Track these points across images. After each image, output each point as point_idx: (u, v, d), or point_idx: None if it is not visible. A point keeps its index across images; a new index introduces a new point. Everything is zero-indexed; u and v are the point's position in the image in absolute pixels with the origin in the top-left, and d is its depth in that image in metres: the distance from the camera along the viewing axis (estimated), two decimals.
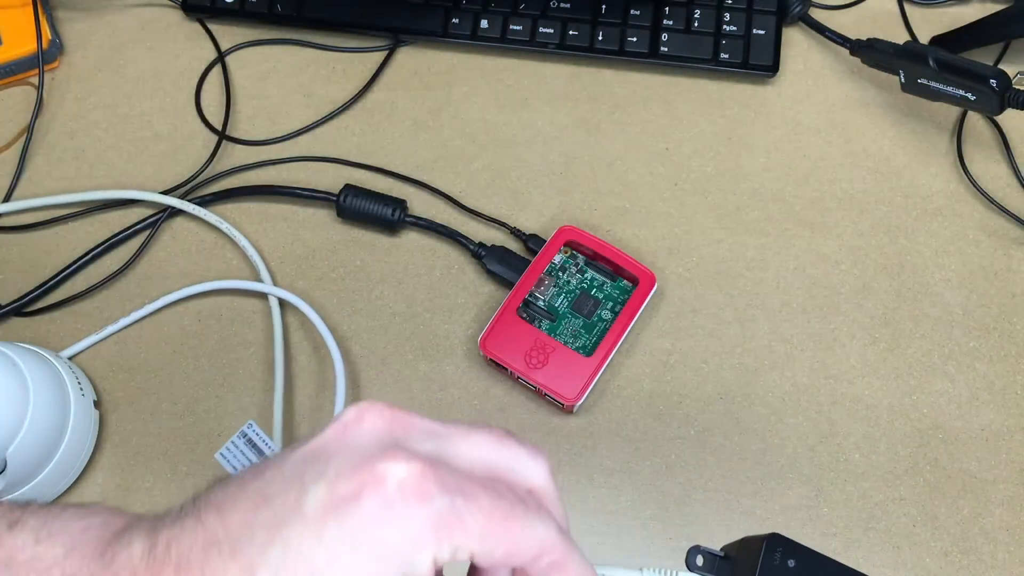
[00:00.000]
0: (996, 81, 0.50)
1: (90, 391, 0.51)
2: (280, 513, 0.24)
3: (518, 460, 0.28)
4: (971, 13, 0.60)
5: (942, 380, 0.51)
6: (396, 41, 0.62)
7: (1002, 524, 0.48)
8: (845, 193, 0.56)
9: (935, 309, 0.53)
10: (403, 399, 0.51)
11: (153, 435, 0.51)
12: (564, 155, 0.58)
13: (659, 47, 0.59)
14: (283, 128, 0.59)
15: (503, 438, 0.28)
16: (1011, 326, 0.53)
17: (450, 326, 0.53)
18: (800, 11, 0.60)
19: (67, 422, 0.48)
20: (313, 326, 0.52)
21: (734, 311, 0.53)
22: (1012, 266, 0.54)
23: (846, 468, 0.50)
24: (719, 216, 0.56)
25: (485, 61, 0.61)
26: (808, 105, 0.59)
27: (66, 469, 0.49)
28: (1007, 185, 0.56)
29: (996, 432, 0.50)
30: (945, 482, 0.49)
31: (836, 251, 0.55)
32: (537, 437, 0.50)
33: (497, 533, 0.25)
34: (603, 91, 0.60)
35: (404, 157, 0.58)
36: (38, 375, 0.47)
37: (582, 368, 0.49)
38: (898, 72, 0.55)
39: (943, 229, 0.55)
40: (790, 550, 0.34)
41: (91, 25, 0.63)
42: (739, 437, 0.50)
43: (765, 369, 0.52)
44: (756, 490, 0.49)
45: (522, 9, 0.60)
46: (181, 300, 0.54)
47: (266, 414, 0.51)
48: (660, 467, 0.50)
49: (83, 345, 0.53)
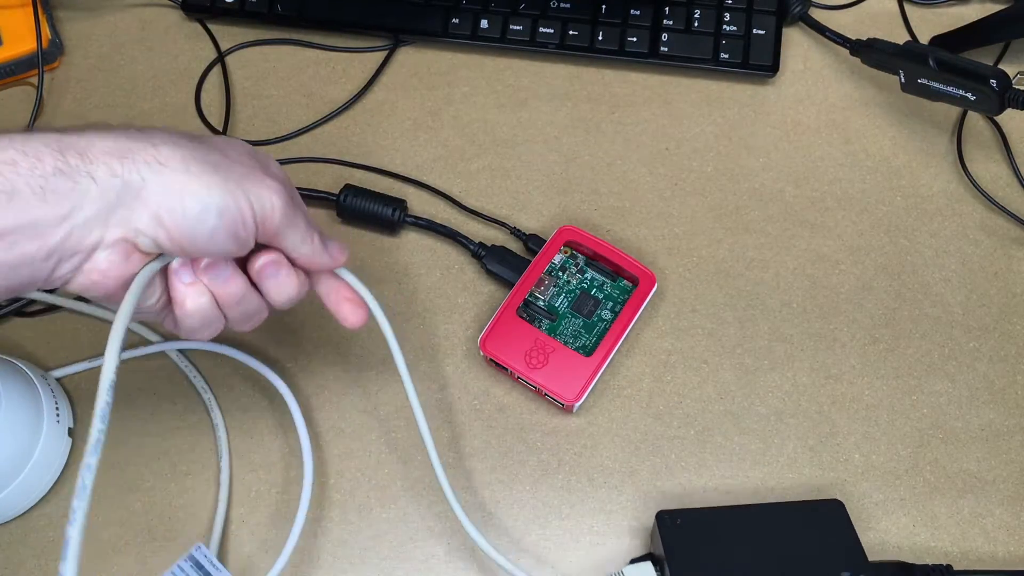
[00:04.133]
0: (996, 81, 0.50)
1: (67, 418, 0.50)
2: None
3: None
4: (971, 13, 0.60)
5: (942, 380, 0.51)
6: (396, 41, 0.62)
7: (1002, 524, 0.48)
8: (845, 193, 0.56)
9: (935, 309, 0.53)
10: (403, 399, 0.51)
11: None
12: (564, 155, 0.58)
13: (659, 47, 0.59)
14: (283, 128, 0.59)
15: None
16: (1011, 326, 0.53)
17: (450, 326, 0.53)
18: (800, 11, 0.60)
19: (34, 448, 0.47)
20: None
21: (734, 311, 0.53)
22: (1012, 266, 0.54)
23: (846, 468, 0.50)
24: (719, 216, 0.56)
25: (485, 61, 0.61)
26: (808, 105, 0.59)
27: (24, 495, 0.48)
28: (1007, 185, 0.56)
29: (996, 432, 0.50)
30: (945, 482, 0.49)
31: (836, 251, 0.55)
32: (537, 437, 0.50)
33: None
34: (603, 91, 0.60)
35: (404, 157, 0.58)
36: (13, 394, 0.46)
37: (582, 368, 0.49)
38: (898, 72, 0.55)
39: (943, 229, 0.55)
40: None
41: (91, 25, 0.63)
42: (739, 437, 0.50)
43: (765, 369, 0.52)
44: (756, 490, 0.49)
45: (522, 9, 0.60)
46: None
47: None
48: (660, 467, 0.50)
49: (74, 370, 0.52)
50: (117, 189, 0.32)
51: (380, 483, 0.50)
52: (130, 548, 0.49)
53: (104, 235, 0.33)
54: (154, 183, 0.32)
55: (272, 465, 0.50)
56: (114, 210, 0.32)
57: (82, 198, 0.32)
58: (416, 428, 0.49)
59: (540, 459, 0.50)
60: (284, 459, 0.50)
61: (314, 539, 0.48)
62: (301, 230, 0.37)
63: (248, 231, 0.35)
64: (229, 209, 0.34)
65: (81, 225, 0.32)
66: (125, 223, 0.33)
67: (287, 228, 0.36)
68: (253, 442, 0.51)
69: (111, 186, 0.32)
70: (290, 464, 0.50)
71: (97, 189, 0.32)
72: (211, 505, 0.49)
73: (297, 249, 0.38)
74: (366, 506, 0.49)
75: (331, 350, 0.53)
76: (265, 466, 0.50)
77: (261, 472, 0.50)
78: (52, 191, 0.31)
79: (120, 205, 0.32)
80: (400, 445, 0.50)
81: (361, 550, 0.48)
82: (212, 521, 0.49)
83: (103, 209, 0.32)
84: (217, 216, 0.33)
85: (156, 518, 0.49)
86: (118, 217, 0.32)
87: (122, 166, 0.32)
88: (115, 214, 0.32)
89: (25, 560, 0.49)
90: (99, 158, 0.32)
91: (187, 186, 0.33)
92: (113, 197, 0.32)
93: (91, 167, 0.32)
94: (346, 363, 0.53)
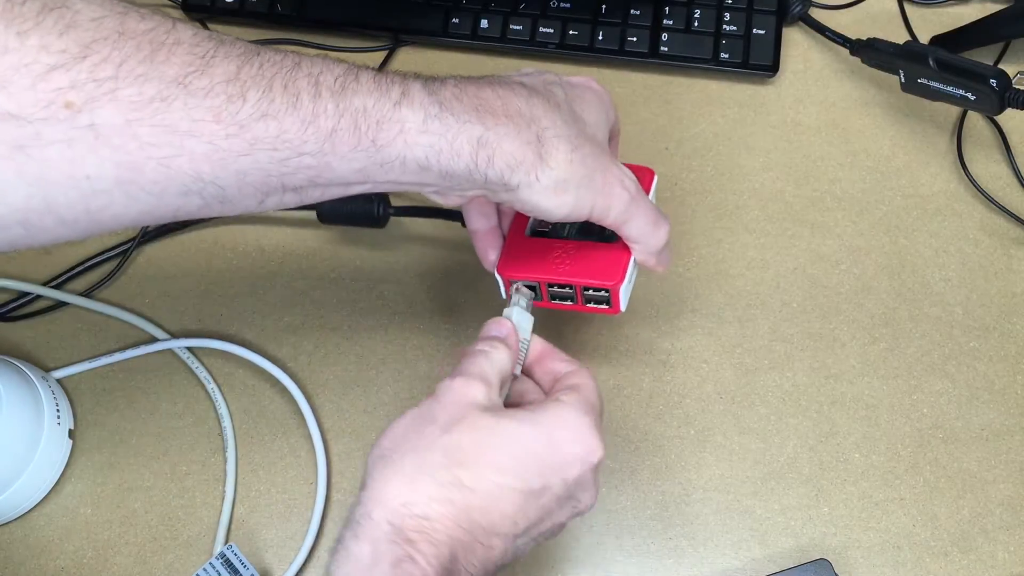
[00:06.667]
0: (996, 81, 0.50)
1: (68, 419, 0.50)
2: None
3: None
4: (971, 13, 0.60)
5: (942, 380, 0.51)
6: (396, 41, 0.62)
7: (1002, 524, 0.48)
8: (845, 193, 0.56)
9: (935, 309, 0.53)
10: (404, 399, 0.51)
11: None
12: None
13: (659, 47, 0.59)
14: None
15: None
16: (1011, 326, 0.53)
17: (451, 326, 0.53)
18: (800, 11, 0.60)
19: (35, 449, 0.47)
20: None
21: (734, 311, 0.53)
22: (1012, 266, 0.54)
23: (846, 468, 0.50)
24: (719, 216, 0.56)
25: (485, 61, 0.61)
26: (808, 105, 0.59)
27: (25, 495, 0.48)
28: (1007, 185, 0.56)
29: (996, 432, 0.50)
30: (945, 482, 0.49)
31: (836, 251, 0.55)
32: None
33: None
34: None
35: None
36: (13, 395, 0.46)
37: (614, 253, 0.43)
38: (898, 72, 0.55)
39: (943, 229, 0.55)
40: None
41: None
42: (739, 437, 0.50)
43: (765, 369, 0.52)
44: (756, 490, 0.49)
45: (522, 9, 0.60)
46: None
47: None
48: (660, 467, 0.50)
49: (74, 370, 0.52)
50: (496, 185, 0.36)
51: None
52: (130, 548, 0.49)
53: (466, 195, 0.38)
54: (524, 192, 0.37)
55: (273, 464, 0.50)
56: (484, 190, 0.37)
57: (467, 184, 0.36)
58: None
59: None
60: (285, 458, 0.50)
61: (314, 539, 0.48)
62: (640, 224, 0.41)
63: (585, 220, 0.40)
64: (572, 215, 0.38)
65: (454, 191, 0.38)
66: (488, 194, 0.38)
67: (624, 224, 0.40)
68: (255, 442, 0.51)
69: (494, 183, 0.36)
70: (291, 463, 0.50)
71: (483, 184, 0.36)
72: (212, 504, 0.50)
73: (634, 238, 0.42)
74: None
75: (331, 349, 0.53)
76: (266, 465, 0.50)
77: (262, 472, 0.50)
78: (454, 177, 0.36)
79: (489, 191, 0.37)
80: None
81: None
82: (213, 520, 0.49)
83: (477, 189, 0.37)
84: (560, 218, 0.38)
85: (156, 518, 0.49)
86: (484, 192, 0.37)
87: (511, 174, 0.36)
88: (483, 191, 0.37)
89: (25, 560, 0.49)
90: (498, 161, 0.35)
91: (546, 200, 0.37)
92: (490, 188, 0.37)
93: (489, 171, 0.35)
94: (346, 362, 0.53)
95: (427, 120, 0.34)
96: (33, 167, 0.29)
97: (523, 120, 0.36)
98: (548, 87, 0.39)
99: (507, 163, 0.36)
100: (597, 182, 0.38)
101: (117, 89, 0.29)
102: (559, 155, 0.37)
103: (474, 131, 0.35)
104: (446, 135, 0.34)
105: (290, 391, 0.51)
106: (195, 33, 0.31)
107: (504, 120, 0.35)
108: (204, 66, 0.30)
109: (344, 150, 0.33)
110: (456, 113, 0.35)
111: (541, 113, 0.37)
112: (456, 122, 0.34)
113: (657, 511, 0.49)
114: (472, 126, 0.35)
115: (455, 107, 0.35)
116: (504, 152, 0.35)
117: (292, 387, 0.51)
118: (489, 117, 0.35)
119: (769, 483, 0.49)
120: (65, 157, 0.29)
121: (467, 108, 0.35)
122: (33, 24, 0.28)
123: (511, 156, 0.36)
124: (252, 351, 0.52)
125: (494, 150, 0.35)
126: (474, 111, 0.35)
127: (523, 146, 0.36)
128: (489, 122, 0.35)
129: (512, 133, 0.36)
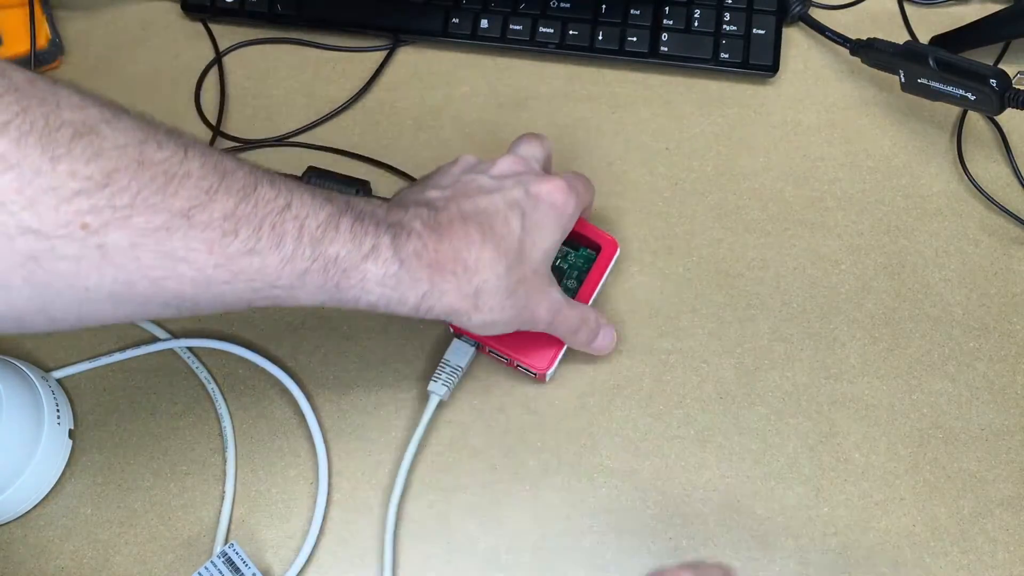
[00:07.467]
0: (996, 81, 0.50)
1: (68, 419, 0.50)
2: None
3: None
4: (971, 13, 0.60)
5: (942, 380, 0.52)
6: (396, 41, 0.62)
7: (1002, 524, 0.48)
8: (845, 193, 0.56)
9: (935, 309, 0.53)
10: (404, 401, 0.51)
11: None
12: (564, 155, 0.58)
13: (659, 47, 0.59)
14: (283, 128, 0.59)
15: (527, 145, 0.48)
16: (1011, 326, 0.53)
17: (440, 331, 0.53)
18: (800, 11, 0.60)
19: (35, 449, 0.47)
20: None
21: (734, 311, 0.53)
22: (1012, 266, 0.54)
23: (846, 468, 0.50)
24: (719, 216, 0.56)
25: (485, 61, 0.61)
26: (808, 105, 0.59)
27: (25, 496, 0.48)
28: (1007, 185, 0.56)
29: (996, 432, 0.50)
30: (945, 482, 0.49)
31: (836, 251, 0.55)
32: (538, 437, 0.50)
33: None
34: (603, 91, 0.60)
35: (404, 157, 0.58)
36: (13, 395, 0.46)
37: (552, 337, 0.48)
38: (898, 72, 0.55)
39: (943, 229, 0.55)
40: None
41: (91, 25, 0.63)
42: (739, 437, 0.50)
43: (765, 369, 0.52)
44: (756, 490, 0.49)
45: (522, 9, 0.60)
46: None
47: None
48: (660, 467, 0.50)
49: (74, 370, 0.52)
50: (435, 316, 0.41)
51: (380, 483, 0.50)
52: (130, 548, 0.49)
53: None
54: (456, 321, 0.42)
55: (273, 464, 0.50)
56: (423, 313, 0.41)
57: (401, 308, 0.40)
58: (415, 428, 0.49)
59: (541, 459, 0.50)
60: (285, 458, 0.50)
61: (315, 539, 0.48)
62: (563, 332, 0.47)
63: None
64: (506, 330, 0.44)
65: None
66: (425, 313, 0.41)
67: (550, 330, 0.46)
68: (255, 441, 0.51)
69: (434, 314, 0.41)
70: (291, 463, 0.50)
71: (423, 314, 0.41)
72: (211, 504, 0.50)
73: (561, 338, 0.48)
74: (366, 505, 0.49)
75: (331, 349, 0.53)
76: (266, 465, 0.50)
77: (262, 472, 0.50)
78: (398, 315, 0.40)
79: (431, 315, 0.41)
80: (399, 444, 0.50)
81: (361, 550, 0.48)
82: (213, 520, 0.49)
83: (413, 312, 0.41)
84: (497, 332, 0.44)
85: (156, 518, 0.49)
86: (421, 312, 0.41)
87: (447, 316, 0.41)
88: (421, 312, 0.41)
89: (25, 560, 0.49)
90: (438, 310, 0.40)
91: (475, 329, 0.42)
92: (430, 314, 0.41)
93: (428, 314, 0.40)
94: (345, 362, 0.53)
95: (386, 277, 0.38)
96: (41, 275, 0.31)
97: (467, 275, 0.40)
98: (510, 211, 0.42)
99: (444, 311, 0.40)
100: (524, 315, 0.43)
101: (131, 216, 0.31)
102: (493, 303, 0.41)
103: (421, 288, 0.39)
104: (398, 288, 0.39)
105: (290, 391, 0.51)
106: (203, 164, 0.34)
107: (450, 277, 0.40)
108: (207, 201, 0.33)
109: (311, 288, 0.37)
110: (412, 271, 0.39)
111: (487, 264, 0.40)
112: (410, 280, 0.39)
113: (657, 511, 0.49)
114: (421, 284, 0.39)
115: (413, 265, 0.39)
116: (444, 304, 0.40)
117: (292, 387, 0.51)
118: (438, 274, 0.39)
119: (769, 483, 0.49)
120: (72, 271, 0.31)
121: (423, 266, 0.39)
122: (65, 151, 0.30)
123: (449, 307, 0.40)
124: (252, 351, 0.52)
125: (436, 302, 0.40)
126: (427, 268, 0.39)
127: (461, 299, 0.40)
128: (436, 279, 0.39)
129: (454, 289, 0.40)
